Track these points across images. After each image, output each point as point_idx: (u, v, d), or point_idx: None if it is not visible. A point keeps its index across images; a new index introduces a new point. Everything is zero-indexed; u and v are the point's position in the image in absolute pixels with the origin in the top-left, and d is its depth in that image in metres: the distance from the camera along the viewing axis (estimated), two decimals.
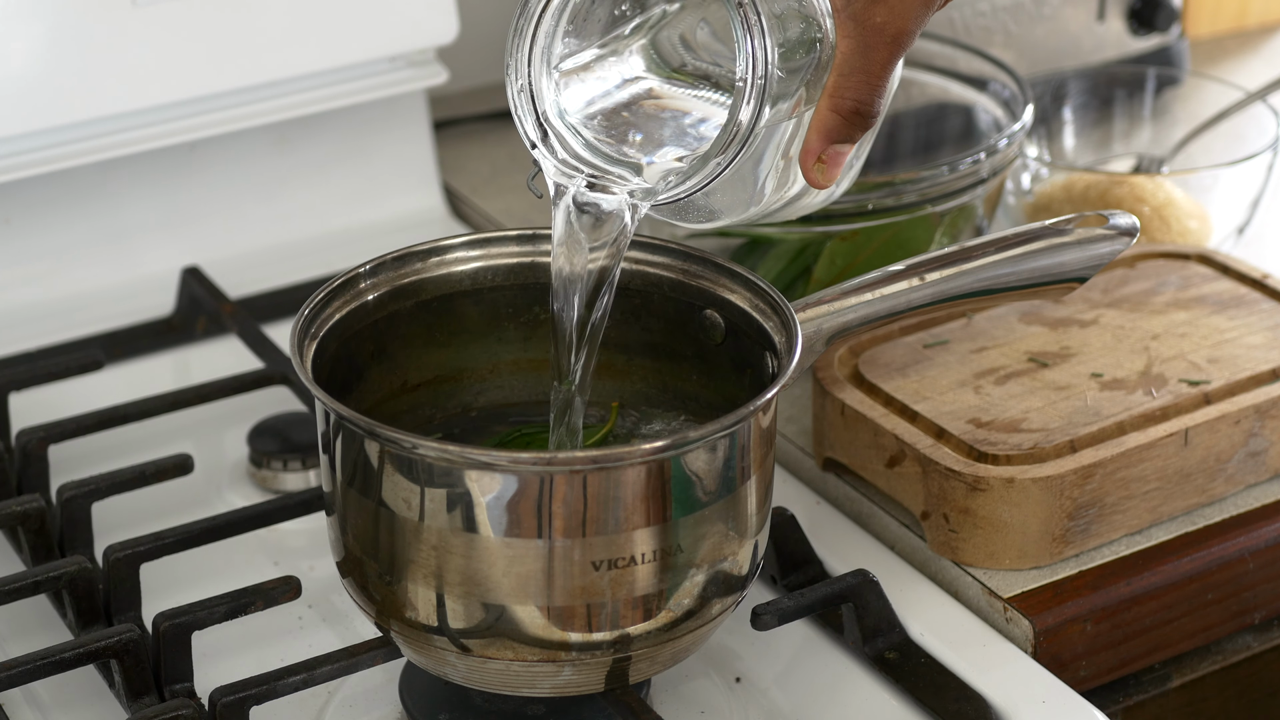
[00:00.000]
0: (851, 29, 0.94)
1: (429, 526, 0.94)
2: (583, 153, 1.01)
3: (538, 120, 1.01)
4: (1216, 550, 1.15)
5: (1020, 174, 1.42)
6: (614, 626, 0.96)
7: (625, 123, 1.02)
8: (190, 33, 1.36)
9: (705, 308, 1.07)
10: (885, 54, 0.94)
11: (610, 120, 1.02)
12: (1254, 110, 1.46)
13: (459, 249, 1.09)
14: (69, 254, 1.40)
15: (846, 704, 1.06)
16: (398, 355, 1.08)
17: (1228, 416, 1.15)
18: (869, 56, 0.94)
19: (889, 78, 0.96)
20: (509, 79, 1.00)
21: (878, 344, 1.21)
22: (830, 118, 0.96)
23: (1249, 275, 1.28)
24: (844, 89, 0.95)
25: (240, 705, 1.00)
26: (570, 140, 1.01)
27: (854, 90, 0.95)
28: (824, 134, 0.96)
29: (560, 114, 1.01)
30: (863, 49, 0.94)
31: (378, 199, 1.49)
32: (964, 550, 1.12)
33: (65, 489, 1.14)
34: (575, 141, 1.01)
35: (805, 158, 0.98)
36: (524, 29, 0.99)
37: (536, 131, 1.01)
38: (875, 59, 0.94)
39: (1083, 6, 1.59)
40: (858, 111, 0.95)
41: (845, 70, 0.95)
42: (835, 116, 0.96)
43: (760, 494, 0.99)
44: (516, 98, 1.00)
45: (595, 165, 1.01)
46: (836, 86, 0.95)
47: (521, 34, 0.99)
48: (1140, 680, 1.15)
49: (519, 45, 0.99)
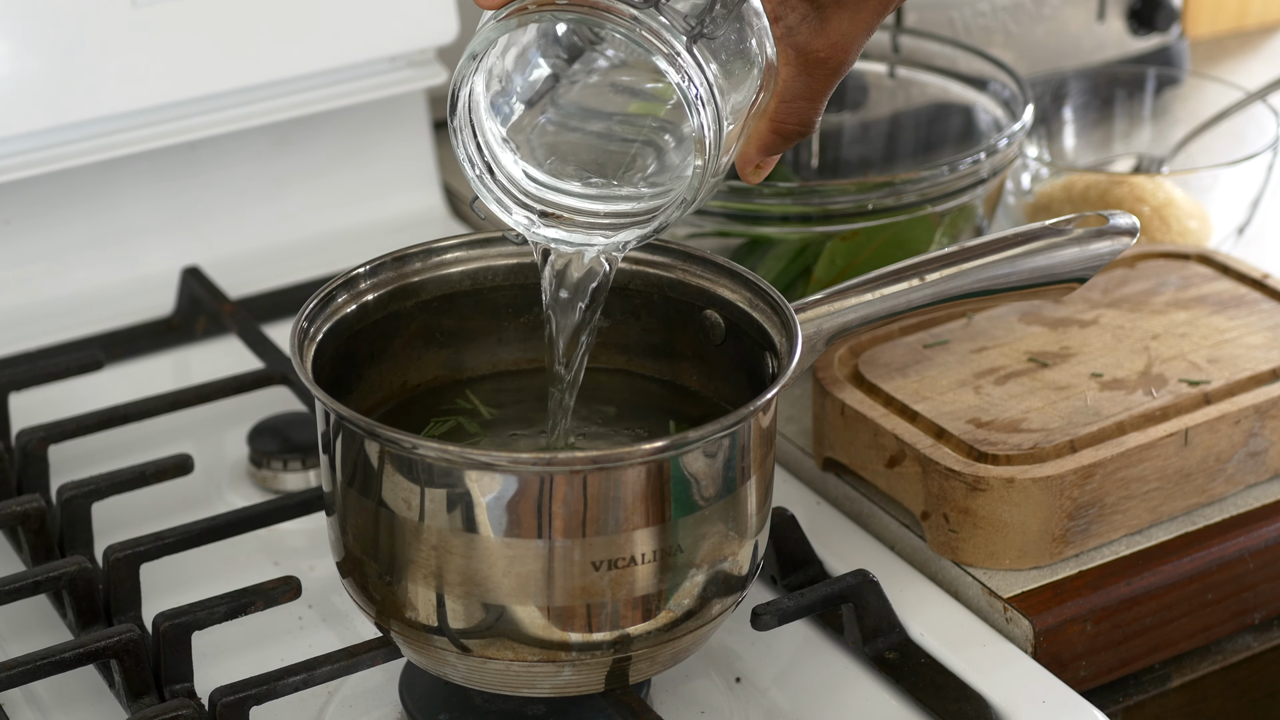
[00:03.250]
0: (794, 58, 0.96)
1: (429, 526, 0.94)
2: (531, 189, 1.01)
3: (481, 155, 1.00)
4: (1216, 550, 1.15)
5: (1020, 174, 1.42)
6: (614, 627, 0.96)
7: (571, 153, 1.02)
8: (190, 33, 1.36)
9: (705, 308, 1.07)
10: (827, 82, 0.97)
11: (556, 154, 1.02)
12: (1254, 110, 1.46)
13: (459, 249, 1.09)
14: (69, 254, 1.40)
15: (846, 704, 1.06)
16: (398, 355, 1.08)
17: (1228, 416, 1.15)
18: (811, 85, 0.97)
19: (828, 99, 0.99)
20: (460, 148, 0.99)
21: (878, 344, 1.21)
22: (772, 138, 0.99)
23: (1249, 275, 1.28)
24: (787, 114, 0.98)
25: (240, 705, 1.00)
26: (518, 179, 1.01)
27: (797, 115, 0.98)
28: (765, 149, 0.99)
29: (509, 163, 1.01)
30: (805, 77, 0.97)
31: (378, 199, 1.49)
32: (964, 550, 1.13)
33: (65, 489, 1.14)
34: (523, 180, 1.01)
35: (744, 165, 1.00)
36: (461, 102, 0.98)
37: (480, 165, 1.00)
38: (817, 87, 0.97)
39: (1083, 6, 1.59)
40: (799, 132, 0.99)
41: (788, 96, 0.97)
42: (777, 137, 0.99)
43: (760, 494, 0.99)
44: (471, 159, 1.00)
45: (545, 201, 1.01)
46: (779, 111, 0.98)
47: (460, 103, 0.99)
48: (1140, 680, 1.15)
49: (463, 137, 0.99)
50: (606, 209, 1.00)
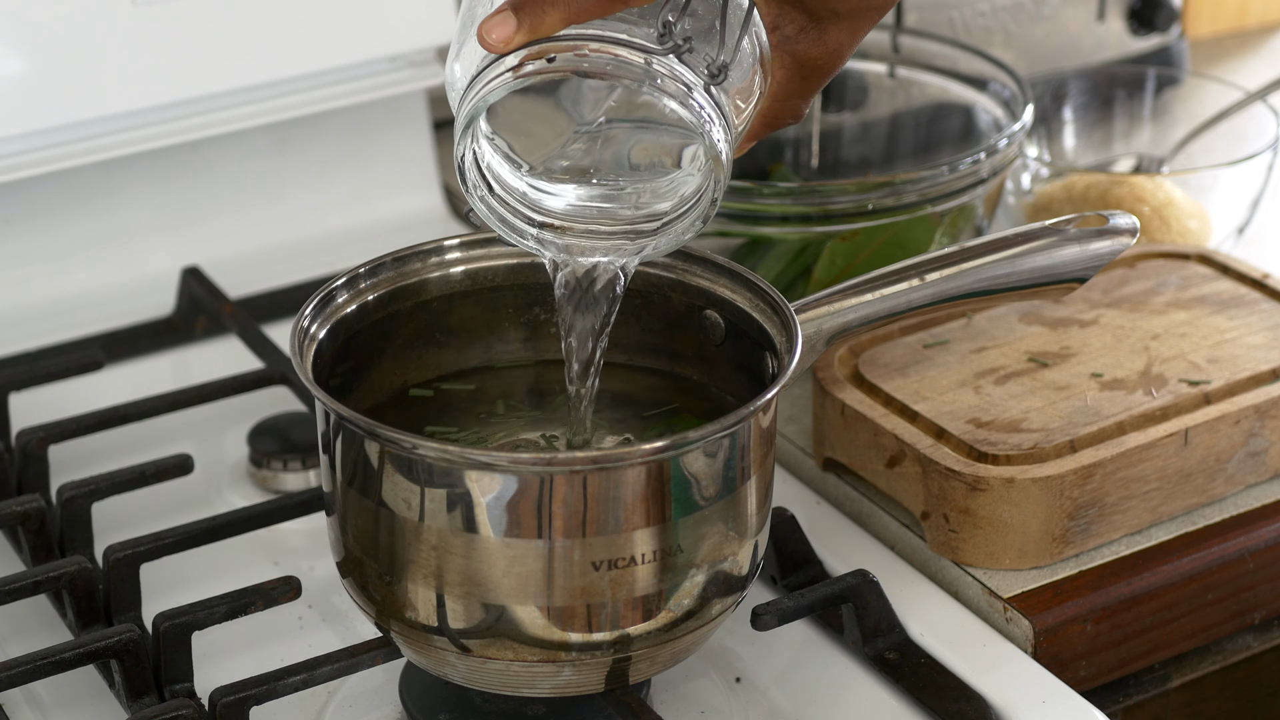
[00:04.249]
0: (789, 62, 0.97)
1: (429, 527, 0.94)
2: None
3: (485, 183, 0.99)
4: (1216, 550, 1.15)
5: (1020, 174, 1.42)
6: (614, 627, 0.96)
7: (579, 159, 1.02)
8: (190, 33, 1.36)
9: (705, 308, 1.07)
10: (819, 83, 0.99)
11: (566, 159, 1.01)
12: (1254, 110, 1.46)
13: (459, 249, 1.09)
14: (69, 254, 1.40)
15: (846, 704, 1.06)
16: (398, 355, 1.08)
17: (1228, 416, 1.15)
18: (805, 86, 0.99)
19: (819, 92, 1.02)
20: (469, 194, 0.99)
21: (878, 344, 1.21)
22: (762, 129, 1.00)
23: (1249, 275, 1.28)
24: (780, 110, 0.99)
25: (240, 705, 1.00)
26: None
27: (789, 110, 1.00)
28: (753, 137, 1.01)
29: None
30: (800, 80, 0.98)
31: (378, 199, 1.49)
32: (964, 550, 1.12)
33: (65, 489, 1.14)
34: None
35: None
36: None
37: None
38: (810, 87, 0.99)
39: (1083, 6, 1.59)
40: (789, 123, 1.01)
41: (781, 96, 0.99)
42: (766, 128, 1.00)
43: (760, 494, 0.99)
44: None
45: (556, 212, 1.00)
46: (772, 109, 0.99)
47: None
48: (1140, 680, 1.15)
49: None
50: (617, 219, 1.00)
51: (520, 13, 0.91)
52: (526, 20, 0.91)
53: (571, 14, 0.91)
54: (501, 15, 0.91)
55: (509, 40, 0.91)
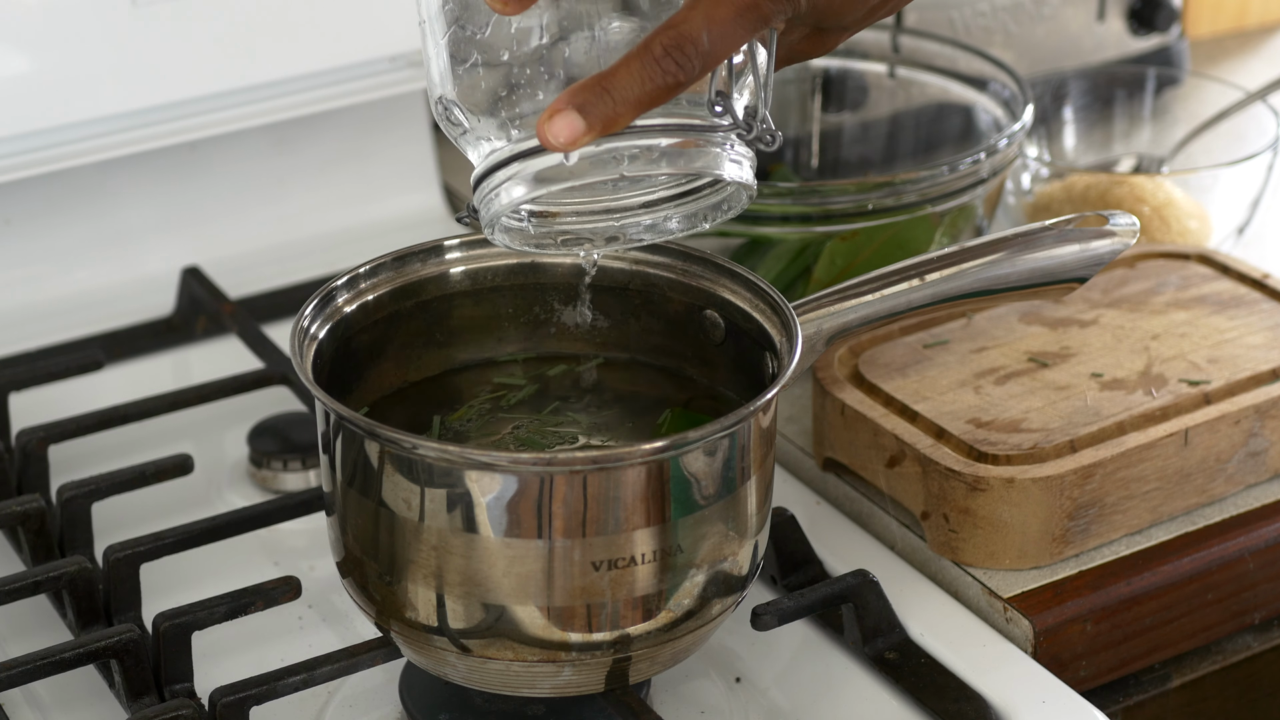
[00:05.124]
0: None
1: (429, 527, 0.94)
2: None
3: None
4: (1216, 550, 1.15)
5: (1020, 174, 1.42)
6: (614, 627, 0.96)
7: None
8: (190, 33, 1.36)
9: (705, 308, 1.07)
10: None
11: None
12: (1254, 110, 1.46)
13: (458, 249, 1.09)
14: (69, 254, 1.40)
15: (846, 704, 1.06)
16: (398, 355, 1.08)
17: (1228, 416, 1.15)
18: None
19: None
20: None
21: (878, 344, 1.21)
22: None
23: (1249, 275, 1.28)
24: None
25: (240, 705, 1.00)
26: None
27: None
28: None
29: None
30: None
31: (378, 199, 1.49)
32: (964, 550, 1.12)
33: (65, 489, 1.14)
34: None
35: None
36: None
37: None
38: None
39: (1083, 6, 1.59)
40: None
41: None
42: None
43: (760, 494, 0.99)
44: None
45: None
46: None
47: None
48: (1140, 680, 1.15)
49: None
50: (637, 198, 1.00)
51: (587, 113, 0.87)
52: (597, 121, 0.87)
53: (642, 109, 0.88)
54: (566, 116, 0.87)
55: (576, 140, 0.88)
